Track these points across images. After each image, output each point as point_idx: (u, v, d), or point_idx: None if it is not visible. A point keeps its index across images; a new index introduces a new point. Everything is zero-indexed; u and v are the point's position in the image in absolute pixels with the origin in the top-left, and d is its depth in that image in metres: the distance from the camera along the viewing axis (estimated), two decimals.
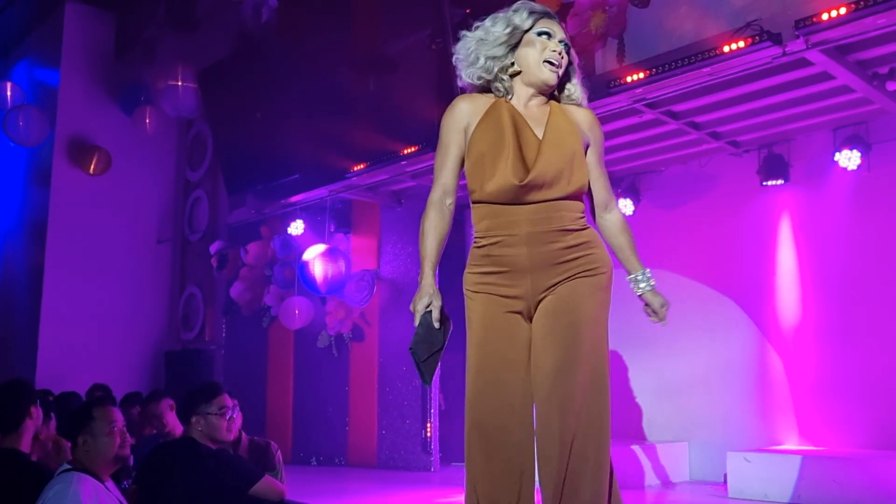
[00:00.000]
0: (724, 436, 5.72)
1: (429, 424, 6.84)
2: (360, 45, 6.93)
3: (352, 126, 6.82)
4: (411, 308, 2.24)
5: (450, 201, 2.32)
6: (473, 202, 2.31)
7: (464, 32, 2.38)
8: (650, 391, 6.23)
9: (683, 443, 5.98)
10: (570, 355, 2.18)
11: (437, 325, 2.21)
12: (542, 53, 2.28)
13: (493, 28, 2.32)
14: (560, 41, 2.30)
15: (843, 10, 3.87)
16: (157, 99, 8.83)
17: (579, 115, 2.38)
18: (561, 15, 5.03)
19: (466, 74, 2.37)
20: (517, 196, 2.23)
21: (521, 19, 2.30)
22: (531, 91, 2.33)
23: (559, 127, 2.30)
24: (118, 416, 2.88)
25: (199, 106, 8.67)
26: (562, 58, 2.30)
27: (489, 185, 2.24)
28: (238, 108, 7.85)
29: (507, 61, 2.32)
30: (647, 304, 2.45)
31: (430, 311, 2.22)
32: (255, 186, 7.91)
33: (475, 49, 2.33)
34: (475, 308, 2.29)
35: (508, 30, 2.30)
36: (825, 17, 3.92)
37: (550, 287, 2.25)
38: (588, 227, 2.33)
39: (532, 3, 2.34)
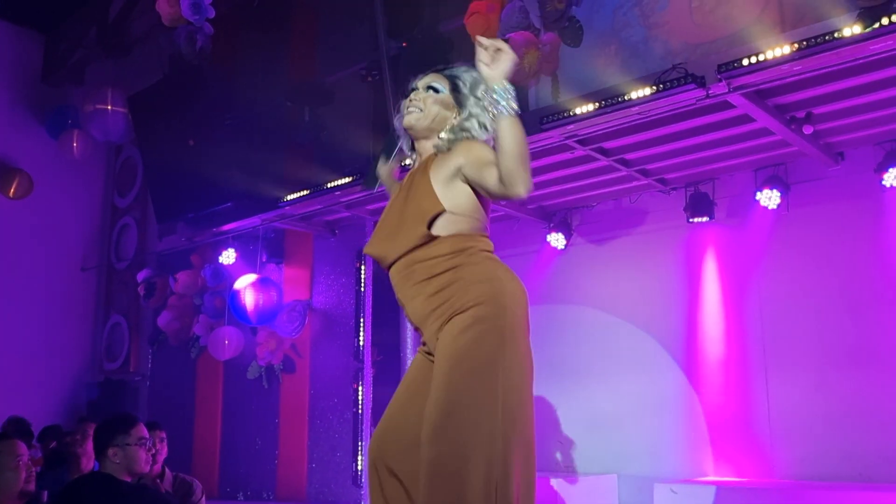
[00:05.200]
0: (652, 467, 5.79)
1: (360, 458, 6.75)
2: (295, 75, 6.92)
3: (286, 155, 6.78)
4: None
5: None
6: None
7: None
8: (580, 424, 6.28)
9: (612, 475, 6.04)
10: (436, 396, 2.15)
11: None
12: (405, 107, 2.45)
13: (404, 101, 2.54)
14: (427, 87, 2.43)
15: (761, 57, 4.05)
16: (84, 123, 8.62)
17: (454, 150, 2.36)
18: None
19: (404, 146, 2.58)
20: (382, 261, 2.39)
21: (409, 86, 2.49)
22: (416, 143, 2.48)
23: (413, 182, 2.38)
24: (23, 450, 2.77)
25: (128, 131, 8.49)
26: (416, 101, 2.42)
27: None
28: (170, 135, 7.71)
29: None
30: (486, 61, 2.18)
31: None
32: (185, 214, 7.76)
33: (397, 118, 2.53)
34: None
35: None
36: (745, 62, 4.09)
37: (438, 336, 2.27)
38: (455, 267, 2.26)
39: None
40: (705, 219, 5.67)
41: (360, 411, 6.81)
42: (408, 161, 2.61)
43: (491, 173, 2.19)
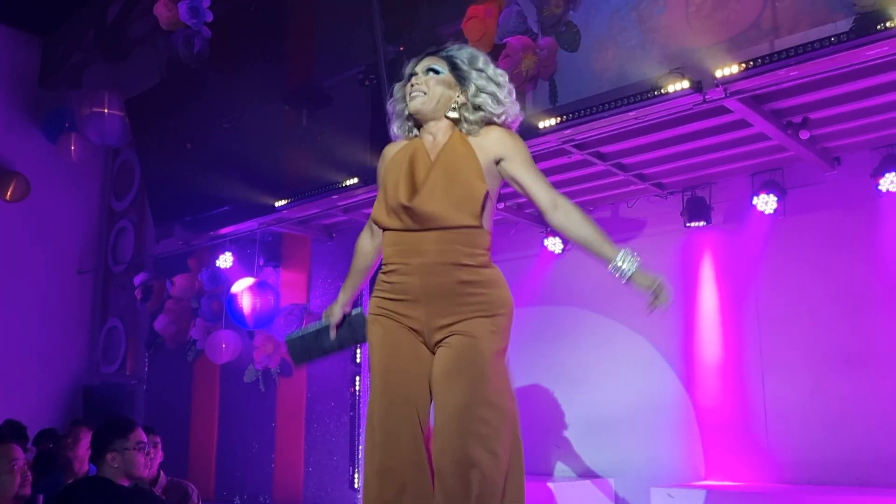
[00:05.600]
0: (649, 471, 5.80)
1: (356, 462, 6.75)
2: (293, 79, 6.92)
3: (283, 159, 6.78)
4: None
5: (376, 228, 2.56)
6: (381, 230, 2.47)
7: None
8: (576, 427, 6.28)
9: (609, 478, 6.04)
10: (476, 392, 2.24)
11: (314, 336, 2.70)
12: (408, 93, 2.50)
13: (397, 84, 2.60)
14: (427, 70, 2.49)
15: (758, 62, 4.06)
16: (82, 126, 8.61)
17: (487, 135, 2.45)
18: (493, 56, 5.15)
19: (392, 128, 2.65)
20: (409, 221, 2.32)
21: (405, 71, 2.56)
22: (424, 126, 2.51)
23: (453, 150, 2.40)
24: (19, 454, 2.77)
25: (126, 134, 8.48)
26: (419, 85, 2.47)
27: (385, 209, 2.40)
28: (167, 138, 7.71)
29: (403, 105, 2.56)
30: (646, 294, 2.42)
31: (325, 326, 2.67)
32: (183, 217, 7.75)
33: (392, 103, 2.61)
34: (375, 331, 2.41)
35: (402, 82, 2.57)
36: (742, 67, 4.10)
37: (448, 323, 2.31)
38: (489, 267, 2.38)
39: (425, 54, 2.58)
40: (702, 223, 5.68)
41: (357, 415, 6.81)
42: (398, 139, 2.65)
43: (550, 192, 2.46)
